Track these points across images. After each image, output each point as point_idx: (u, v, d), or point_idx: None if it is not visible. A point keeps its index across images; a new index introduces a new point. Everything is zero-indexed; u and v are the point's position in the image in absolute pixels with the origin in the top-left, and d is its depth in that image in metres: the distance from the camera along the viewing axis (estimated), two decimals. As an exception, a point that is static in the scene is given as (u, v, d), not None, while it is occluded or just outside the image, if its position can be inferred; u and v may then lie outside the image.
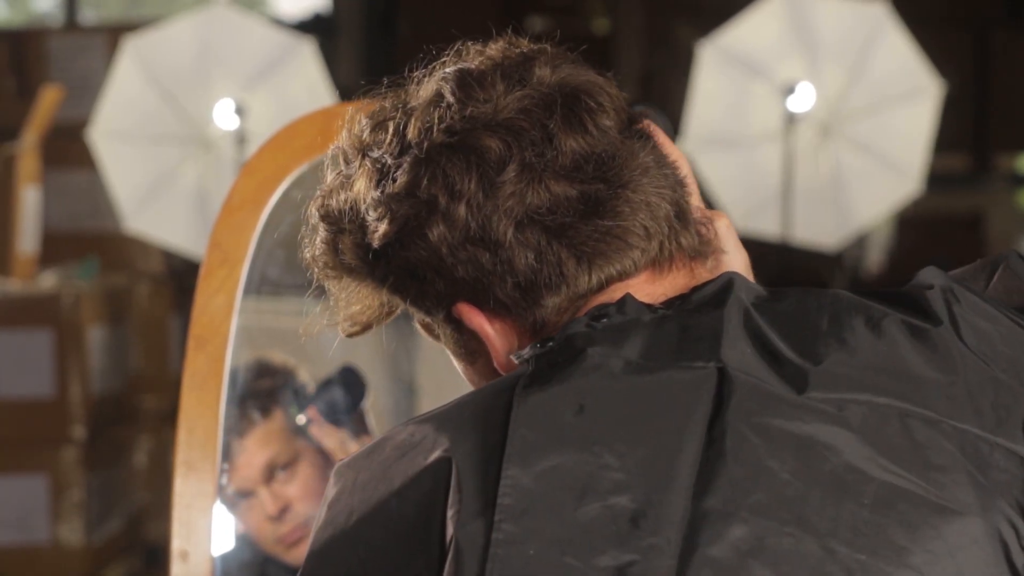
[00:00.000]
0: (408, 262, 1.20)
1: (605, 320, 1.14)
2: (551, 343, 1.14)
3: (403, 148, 1.20)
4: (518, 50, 1.23)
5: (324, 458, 2.16)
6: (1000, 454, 1.12)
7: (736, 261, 1.29)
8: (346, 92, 4.90)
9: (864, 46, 4.49)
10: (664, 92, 7.22)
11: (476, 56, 1.24)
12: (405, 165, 1.19)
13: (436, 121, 1.19)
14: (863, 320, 1.15)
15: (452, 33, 1.27)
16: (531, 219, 1.17)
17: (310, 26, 7.56)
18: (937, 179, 5.78)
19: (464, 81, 1.21)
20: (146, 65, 4.35)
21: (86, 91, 5.17)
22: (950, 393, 1.13)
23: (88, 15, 8.09)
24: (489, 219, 1.17)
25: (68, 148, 5.06)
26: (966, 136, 7.59)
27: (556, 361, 1.12)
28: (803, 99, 4.44)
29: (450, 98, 1.20)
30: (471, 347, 1.25)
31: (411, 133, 1.20)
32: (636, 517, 1.05)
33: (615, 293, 1.19)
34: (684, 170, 1.25)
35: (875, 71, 4.50)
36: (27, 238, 4.84)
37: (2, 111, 5.36)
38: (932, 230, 7.34)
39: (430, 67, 1.25)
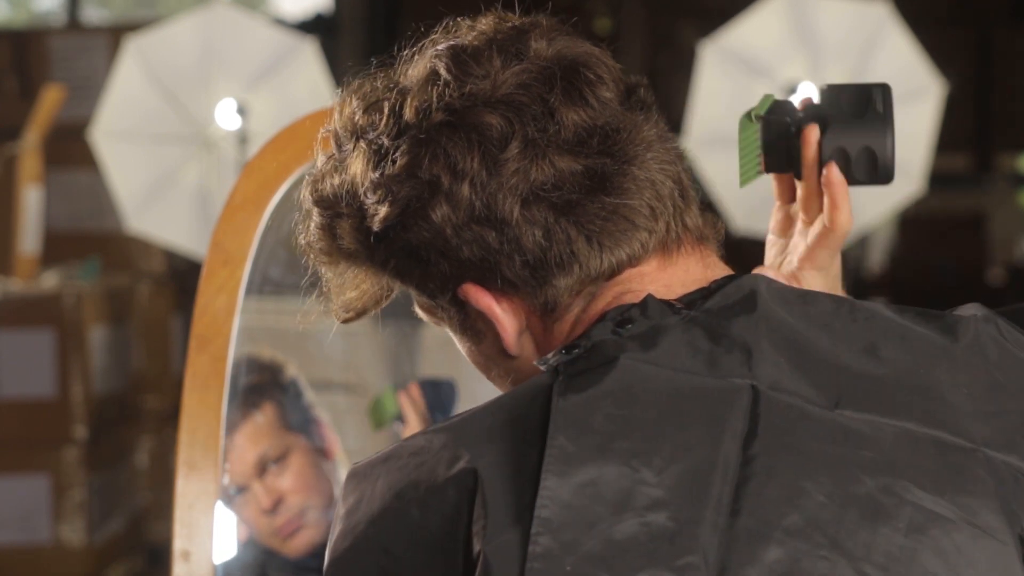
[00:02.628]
0: (411, 244, 1.18)
1: (631, 326, 1.12)
2: (577, 350, 1.12)
3: (401, 128, 1.18)
4: (510, 24, 1.21)
5: (315, 450, 2.17)
6: None
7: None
8: (348, 92, 4.88)
9: (866, 46, 4.49)
10: (666, 92, 7.21)
11: (467, 31, 1.21)
12: (404, 145, 1.17)
13: (434, 99, 1.17)
14: (899, 338, 1.14)
15: (411, 34, 1.25)
16: (537, 196, 1.15)
17: (312, 26, 7.56)
18: (939, 179, 5.78)
19: (459, 57, 1.18)
20: (148, 65, 4.35)
21: (88, 91, 5.16)
22: (983, 420, 1.11)
23: (91, 14, 8.09)
24: (494, 197, 1.15)
25: (70, 148, 5.06)
26: (968, 136, 7.58)
27: (588, 369, 1.10)
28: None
29: (446, 75, 1.18)
30: (477, 327, 1.22)
31: (408, 113, 1.18)
32: (673, 535, 1.04)
33: (630, 282, 1.17)
34: None
35: (877, 71, 4.49)
36: (29, 238, 4.84)
37: (4, 111, 5.36)
38: (934, 230, 7.33)
39: (419, 45, 1.23)
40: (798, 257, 1.32)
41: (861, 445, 1.08)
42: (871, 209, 4.68)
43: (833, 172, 1.29)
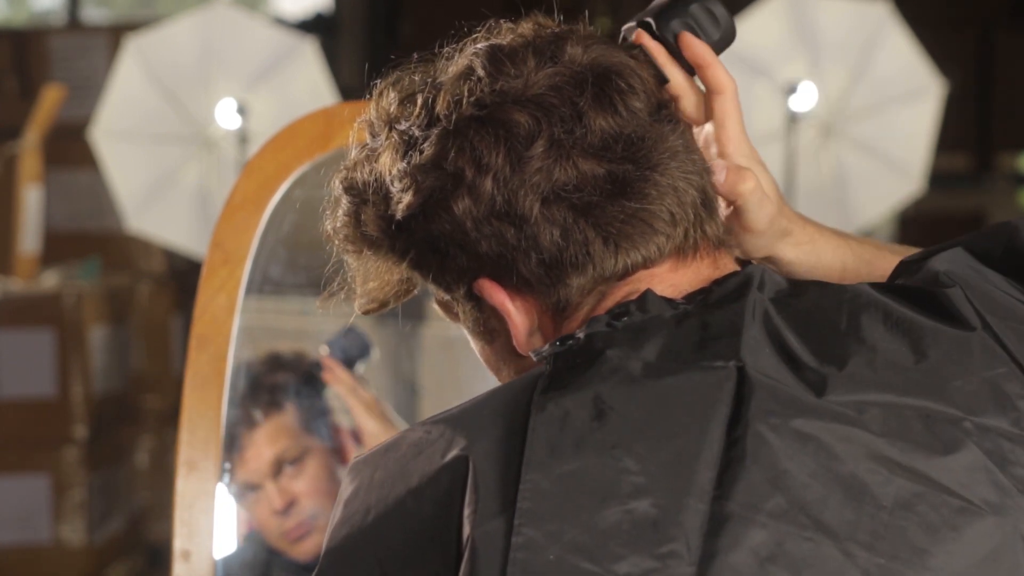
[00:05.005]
0: (431, 235, 1.19)
1: (626, 319, 1.14)
2: (571, 342, 1.13)
3: (431, 120, 1.20)
4: (549, 29, 1.23)
5: (332, 456, 2.17)
6: (1023, 450, 1.11)
7: (756, 170, 1.27)
8: (348, 92, 4.89)
9: (866, 46, 4.49)
10: (666, 92, 7.21)
11: (508, 33, 1.23)
12: (433, 137, 1.19)
13: (466, 94, 1.19)
14: (881, 318, 1.15)
15: (454, 33, 1.27)
16: (557, 196, 1.16)
17: (312, 26, 7.56)
18: (939, 179, 5.78)
19: (495, 56, 1.20)
20: (148, 64, 4.35)
21: (88, 90, 5.16)
22: (971, 390, 1.12)
23: (91, 14, 8.09)
24: (515, 194, 1.16)
25: (70, 147, 5.06)
26: (968, 136, 7.58)
27: (575, 363, 1.11)
28: (805, 99, 4.44)
29: (480, 72, 1.19)
30: (490, 325, 1.24)
31: (440, 106, 1.19)
32: (656, 522, 1.04)
33: (640, 283, 1.18)
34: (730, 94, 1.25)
35: (877, 71, 4.49)
36: (29, 238, 4.84)
37: (4, 110, 5.36)
38: (934, 230, 7.32)
39: (460, 43, 1.24)
40: (716, 141, 1.29)
41: (846, 424, 1.09)
42: (871, 209, 4.68)
43: (685, 37, 1.26)
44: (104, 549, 4.67)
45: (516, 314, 1.20)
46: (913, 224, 7.31)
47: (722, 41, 1.28)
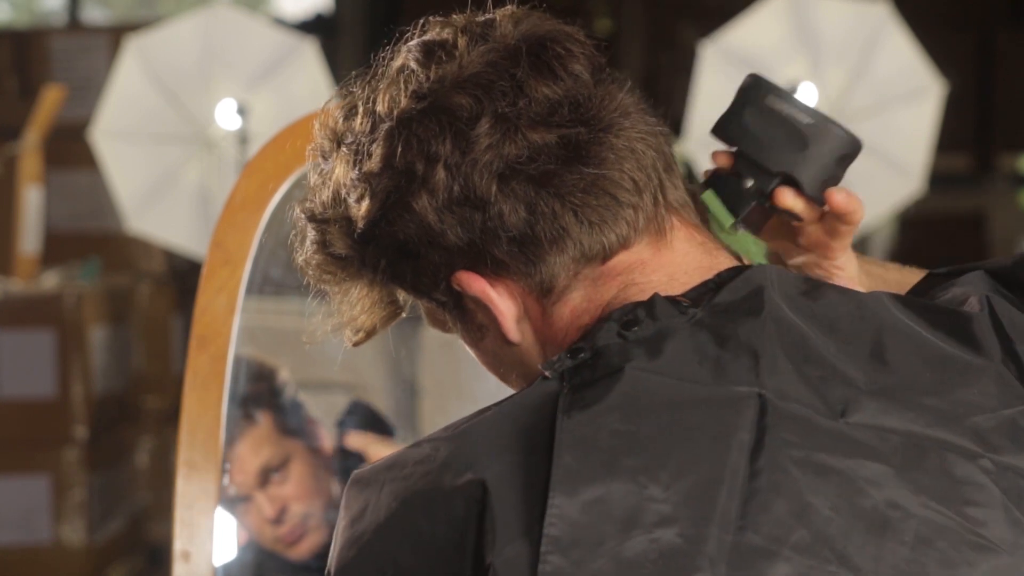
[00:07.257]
0: (397, 240, 1.17)
1: (636, 329, 1.11)
2: (582, 355, 1.10)
3: (374, 124, 1.17)
4: (480, 16, 1.20)
5: (315, 455, 2.17)
6: None
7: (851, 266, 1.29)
8: (348, 92, 4.89)
9: (866, 46, 4.49)
10: (666, 92, 7.22)
11: (437, 25, 1.21)
12: (379, 139, 1.16)
13: (403, 89, 1.16)
14: (905, 340, 1.13)
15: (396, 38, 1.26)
16: (513, 170, 1.13)
17: (312, 26, 7.56)
18: (939, 179, 5.77)
19: (426, 48, 1.18)
20: (148, 65, 4.35)
21: (88, 91, 5.17)
22: (990, 426, 1.10)
23: (91, 15, 8.09)
24: (469, 177, 1.14)
25: (70, 148, 5.06)
26: (968, 136, 7.58)
27: (593, 380, 1.09)
28: (805, 99, 4.44)
29: (414, 65, 1.17)
30: (478, 322, 1.20)
31: (380, 107, 1.17)
32: (682, 552, 1.03)
33: (633, 273, 1.16)
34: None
35: (877, 71, 4.49)
36: (29, 238, 4.84)
37: (4, 111, 5.36)
38: (934, 230, 7.33)
39: (395, 48, 1.22)
40: (825, 244, 1.30)
41: (867, 457, 1.07)
42: (871, 209, 4.68)
43: (835, 201, 1.26)
44: (104, 549, 4.67)
45: (499, 299, 1.17)
46: (913, 224, 7.31)
47: (848, 164, 1.27)
